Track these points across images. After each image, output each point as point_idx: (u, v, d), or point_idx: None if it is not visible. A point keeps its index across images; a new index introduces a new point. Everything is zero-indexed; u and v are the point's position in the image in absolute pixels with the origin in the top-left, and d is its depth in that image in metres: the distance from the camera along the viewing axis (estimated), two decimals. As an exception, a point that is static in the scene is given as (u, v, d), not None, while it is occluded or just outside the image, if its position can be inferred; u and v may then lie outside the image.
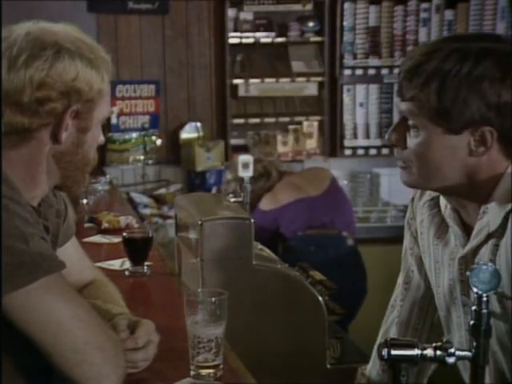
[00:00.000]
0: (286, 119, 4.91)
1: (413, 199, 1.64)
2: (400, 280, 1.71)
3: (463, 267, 1.47)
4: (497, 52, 1.38)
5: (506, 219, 1.39)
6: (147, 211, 4.40)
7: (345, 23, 4.82)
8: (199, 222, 2.02)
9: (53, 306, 1.32)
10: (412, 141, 1.45)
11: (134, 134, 4.73)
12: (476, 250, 1.45)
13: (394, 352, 1.27)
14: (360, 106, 4.91)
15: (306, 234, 3.84)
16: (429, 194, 1.58)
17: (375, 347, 1.65)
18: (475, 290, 1.23)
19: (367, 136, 4.91)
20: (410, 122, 1.45)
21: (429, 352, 1.27)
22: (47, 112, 1.39)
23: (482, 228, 1.43)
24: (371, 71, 4.86)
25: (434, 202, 1.57)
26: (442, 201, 1.54)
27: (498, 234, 1.40)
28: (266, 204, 3.91)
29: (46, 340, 1.32)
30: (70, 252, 1.66)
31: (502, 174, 1.42)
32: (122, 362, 1.38)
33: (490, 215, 1.41)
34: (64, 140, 1.43)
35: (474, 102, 1.37)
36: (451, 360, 1.27)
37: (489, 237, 1.42)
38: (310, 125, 4.94)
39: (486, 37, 1.46)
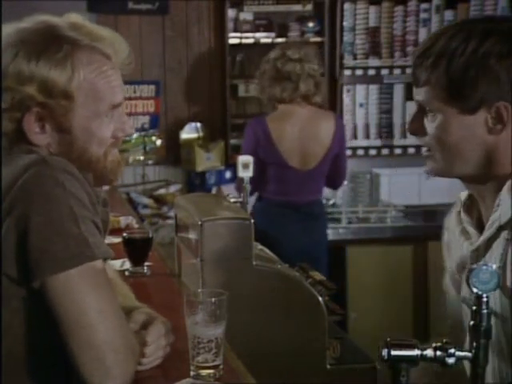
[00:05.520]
0: (286, 119, 4.91)
1: (448, 214, 1.63)
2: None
3: (475, 262, 1.46)
4: (501, 29, 1.41)
5: None
6: (147, 211, 4.40)
7: (345, 23, 4.81)
8: (199, 223, 2.02)
9: (84, 296, 1.32)
10: (430, 126, 1.46)
11: (134, 135, 4.72)
12: (489, 244, 1.44)
13: (393, 352, 1.27)
14: (360, 107, 4.91)
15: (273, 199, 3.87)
16: (458, 206, 1.57)
17: None
18: (475, 290, 1.23)
19: (367, 136, 4.91)
20: (427, 108, 1.46)
21: (429, 352, 1.27)
22: (8, 118, 1.39)
23: (494, 220, 1.42)
24: (371, 71, 4.85)
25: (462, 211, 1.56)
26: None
27: (509, 227, 1.39)
28: (272, 121, 3.83)
29: (68, 327, 1.32)
30: None
31: None
32: (132, 368, 1.38)
33: (502, 207, 1.40)
34: (41, 142, 1.41)
35: (484, 79, 1.38)
36: (451, 360, 1.27)
37: (500, 229, 1.41)
38: (310, 125, 4.93)
39: (492, 18, 1.53)
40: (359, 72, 4.85)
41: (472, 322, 1.25)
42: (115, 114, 1.47)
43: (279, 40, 4.83)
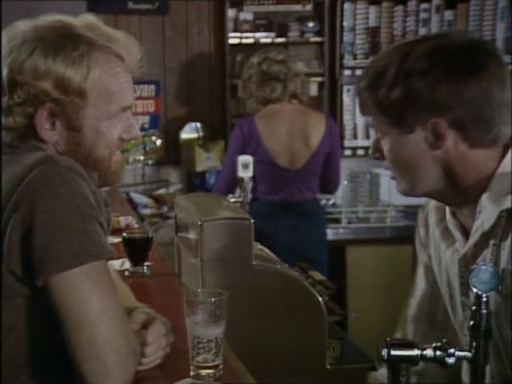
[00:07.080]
0: (286, 119, 4.91)
1: (423, 207, 1.64)
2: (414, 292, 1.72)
3: (463, 269, 1.47)
4: (419, 48, 1.40)
5: (500, 218, 1.38)
6: (147, 211, 4.40)
7: (345, 23, 4.81)
8: (199, 223, 2.02)
9: (87, 295, 1.32)
10: (385, 149, 1.48)
11: (134, 135, 4.71)
12: (475, 251, 1.44)
13: (393, 352, 1.27)
14: (360, 107, 4.91)
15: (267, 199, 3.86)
16: (433, 203, 1.58)
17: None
18: (475, 290, 1.23)
19: (367, 136, 4.91)
20: (378, 133, 1.48)
21: (428, 352, 1.27)
22: (20, 113, 1.39)
23: (477, 227, 1.42)
24: (371, 71, 4.85)
25: (442, 209, 1.56)
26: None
27: (495, 233, 1.40)
28: (260, 119, 3.84)
29: (70, 326, 1.32)
30: None
31: (479, 167, 1.41)
32: (132, 369, 1.38)
33: (484, 214, 1.40)
34: (50, 138, 1.42)
35: (409, 99, 1.39)
36: (451, 360, 1.27)
37: (485, 236, 1.41)
38: (310, 125, 4.93)
39: (411, 40, 1.47)
40: (359, 72, 4.84)
41: (472, 322, 1.25)
42: (123, 116, 1.49)
43: (279, 40, 4.84)
